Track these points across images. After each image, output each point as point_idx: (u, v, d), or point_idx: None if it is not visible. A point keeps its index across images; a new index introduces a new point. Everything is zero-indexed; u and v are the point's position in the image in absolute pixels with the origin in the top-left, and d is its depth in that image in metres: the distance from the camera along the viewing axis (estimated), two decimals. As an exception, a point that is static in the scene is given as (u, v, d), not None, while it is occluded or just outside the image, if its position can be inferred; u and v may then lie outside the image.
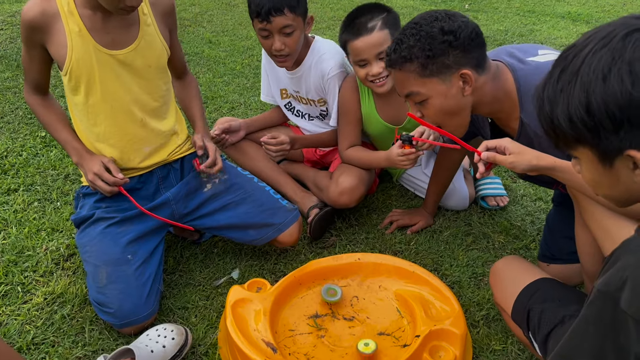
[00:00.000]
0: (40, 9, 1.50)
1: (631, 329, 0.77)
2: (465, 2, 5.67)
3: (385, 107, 2.03)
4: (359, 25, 1.86)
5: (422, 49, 1.39)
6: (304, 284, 1.70)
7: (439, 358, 1.42)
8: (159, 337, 1.46)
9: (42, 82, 1.69)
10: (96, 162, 1.63)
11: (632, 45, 0.75)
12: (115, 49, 1.58)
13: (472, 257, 1.88)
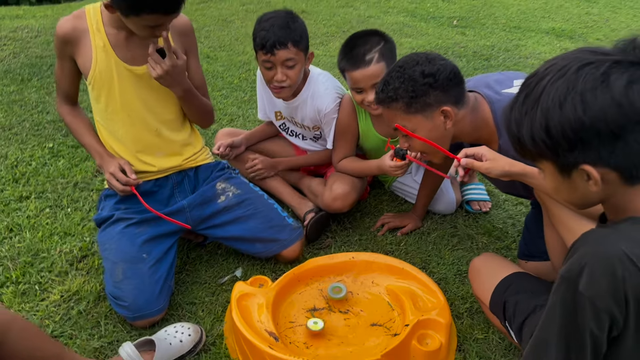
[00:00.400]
0: (72, 25, 1.71)
1: (587, 309, 0.92)
2: (454, 18, 5.86)
3: (381, 123, 2.17)
4: (357, 56, 1.99)
5: (405, 90, 1.57)
6: (302, 280, 1.85)
7: (426, 345, 1.56)
8: (176, 332, 1.60)
9: (71, 93, 1.89)
10: (113, 163, 1.79)
11: (584, 78, 0.89)
12: (134, 64, 1.75)
13: (457, 256, 2.03)
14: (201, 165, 1.98)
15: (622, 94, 0.87)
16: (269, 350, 1.49)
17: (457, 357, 1.60)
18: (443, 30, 5.38)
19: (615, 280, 0.88)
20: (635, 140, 0.88)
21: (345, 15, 5.81)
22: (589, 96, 0.88)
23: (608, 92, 0.87)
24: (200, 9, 6.19)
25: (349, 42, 2.06)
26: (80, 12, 1.75)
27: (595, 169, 0.92)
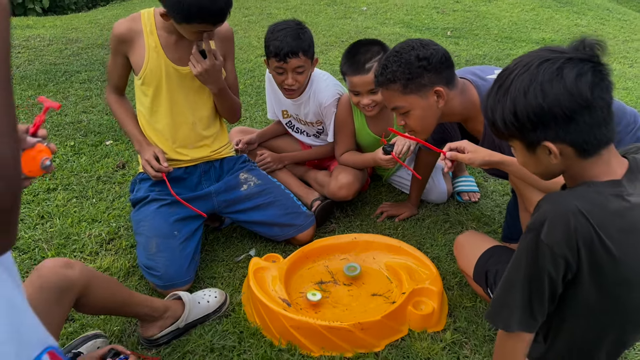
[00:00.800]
0: (128, 26, 1.93)
1: (547, 254, 1.14)
2: (448, 29, 6.12)
3: (374, 123, 2.41)
4: (358, 63, 2.20)
5: (402, 73, 1.75)
6: (310, 257, 2.07)
7: (421, 310, 1.77)
8: (204, 295, 1.84)
9: (120, 85, 2.10)
10: (150, 151, 2.02)
11: (543, 72, 1.12)
12: (181, 64, 1.97)
13: (449, 239, 2.26)
14: (226, 158, 2.21)
15: (572, 84, 1.09)
16: (283, 312, 1.70)
17: (448, 321, 1.82)
18: (438, 40, 5.53)
19: (569, 230, 1.11)
20: (584, 121, 1.11)
21: (344, 27, 6.06)
22: (547, 86, 1.11)
23: (562, 82, 1.09)
24: (205, 19, 6.44)
25: (352, 49, 2.28)
26: (135, 16, 1.96)
27: (554, 145, 1.14)
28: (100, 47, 5.07)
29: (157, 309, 1.69)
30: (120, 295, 1.58)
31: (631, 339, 1.30)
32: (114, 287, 1.56)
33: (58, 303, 1.37)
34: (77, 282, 1.41)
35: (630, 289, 1.18)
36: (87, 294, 1.45)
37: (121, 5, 8.30)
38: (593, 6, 8.35)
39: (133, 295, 1.65)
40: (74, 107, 3.66)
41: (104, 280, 1.53)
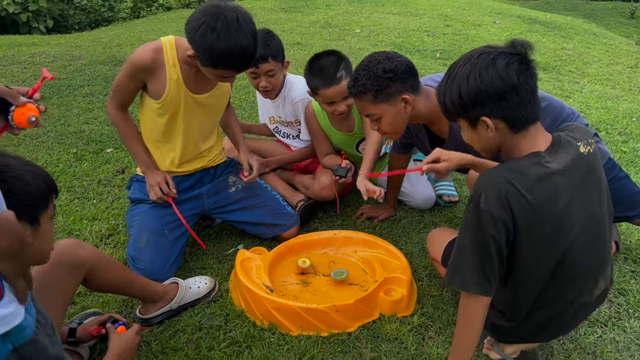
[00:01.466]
0: (152, 57, 1.96)
1: (488, 219, 1.36)
2: (437, 52, 6.38)
3: (337, 122, 2.63)
4: (329, 76, 2.35)
5: (372, 85, 1.95)
6: (294, 251, 2.25)
7: (391, 296, 1.95)
8: (196, 281, 2.02)
9: (127, 103, 2.13)
10: (160, 175, 2.17)
11: (481, 61, 1.37)
12: (198, 93, 2.10)
13: (422, 237, 2.44)
14: (219, 164, 2.39)
15: (502, 70, 1.35)
16: (265, 295, 1.88)
17: (417, 307, 1.99)
18: (427, 62, 5.88)
19: (500, 195, 1.34)
20: (513, 100, 1.36)
21: (337, 48, 6.28)
22: (483, 72, 1.37)
23: (494, 69, 1.36)
24: (204, 39, 6.70)
25: (314, 64, 2.41)
26: (158, 46, 1.97)
27: (490, 119, 1.38)
28: (103, 63, 5.31)
29: (157, 292, 1.88)
30: (124, 277, 1.77)
31: (572, 296, 1.50)
32: (119, 269, 1.75)
33: (70, 277, 1.57)
34: (87, 260, 1.61)
35: (557, 239, 1.40)
36: (95, 272, 1.64)
37: (123, 25, 8.59)
38: (580, 31, 8.66)
39: (136, 277, 1.84)
40: (76, 118, 3.87)
41: (110, 261, 1.72)
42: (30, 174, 1.27)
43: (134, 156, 2.21)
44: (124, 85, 2.05)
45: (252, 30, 1.83)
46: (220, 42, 1.77)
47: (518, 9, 10.42)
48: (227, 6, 1.81)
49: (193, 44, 1.83)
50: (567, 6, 14.00)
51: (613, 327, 1.93)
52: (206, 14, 1.78)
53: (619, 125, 4.15)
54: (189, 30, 1.83)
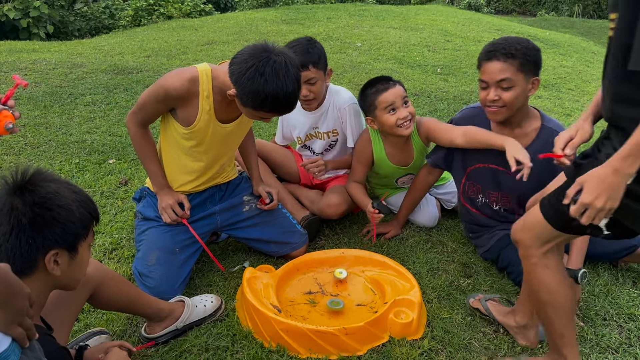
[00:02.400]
0: (187, 88, 1.94)
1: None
2: (438, 67, 6.40)
3: (393, 154, 2.59)
4: (383, 84, 2.42)
5: (524, 53, 2.04)
6: (301, 270, 2.22)
7: (401, 319, 1.92)
8: (201, 300, 1.98)
9: (150, 121, 2.10)
10: (173, 197, 2.14)
11: None
12: (225, 123, 2.09)
13: (430, 257, 2.42)
14: (231, 180, 2.35)
15: None
16: (274, 316, 1.85)
17: (426, 330, 1.96)
18: (428, 77, 5.90)
19: None
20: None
21: (339, 61, 6.32)
22: None
23: None
24: (205, 49, 6.70)
25: (368, 83, 2.48)
26: (194, 77, 1.94)
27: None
28: (104, 72, 5.28)
29: (163, 310, 1.84)
30: (131, 294, 1.73)
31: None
32: (126, 286, 1.72)
33: (76, 294, 1.53)
34: (93, 278, 1.57)
35: None
36: (101, 289, 1.61)
37: (124, 33, 8.59)
38: (579, 49, 8.73)
39: (142, 295, 1.80)
40: (78, 128, 3.84)
41: (117, 278, 1.69)
42: (76, 203, 1.28)
43: (149, 174, 2.17)
44: (151, 106, 2.02)
45: (297, 75, 1.84)
46: (268, 87, 1.77)
47: (517, 26, 10.50)
48: (275, 50, 1.81)
49: (238, 86, 1.82)
50: (565, 24, 14.12)
51: (624, 354, 1.91)
52: (255, 58, 1.78)
53: (621, 145, 4.15)
54: (235, 71, 1.81)
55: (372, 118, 2.48)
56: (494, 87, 2.09)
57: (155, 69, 5.52)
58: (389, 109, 2.41)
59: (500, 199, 2.33)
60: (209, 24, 8.76)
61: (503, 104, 2.10)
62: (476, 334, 1.96)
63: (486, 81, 2.11)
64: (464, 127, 2.31)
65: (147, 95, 2.00)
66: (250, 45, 1.85)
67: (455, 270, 2.34)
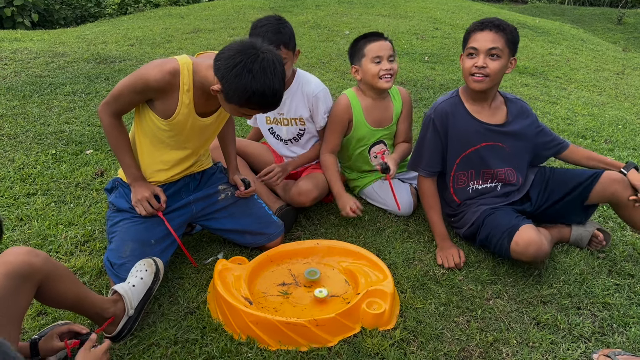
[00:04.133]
0: (168, 79, 1.89)
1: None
2: (425, 55, 6.36)
3: (370, 112, 2.66)
4: (376, 35, 2.56)
5: (511, 32, 2.22)
6: (275, 261, 2.20)
7: (374, 309, 1.90)
8: (134, 275, 1.89)
9: (124, 112, 2.04)
10: (149, 189, 2.09)
11: None
12: (204, 117, 2.06)
13: (407, 247, 2.40)
14: (205, 170, 2.32)
15: None
16: (243, 308, 1.82)
17: (399, 320, 1.95)
18: (415, 65, 5.86)
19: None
20: None
21: (326, 49, 6.27)
22: None
23: None
24: (190, 38, 6.62)
25: (362, 36, 2.61)
26: (175, 69, 1.89)
27: None
28: (86, 61, 5.21)
29: (107, 310, 1.76)
30: (79, 290, 1.65)
31: None
32: (73, 282, 1.64)
33: (22, 287, 1.46)
34: (40, 269, 1.50)
35: None
36: (48, 283, 1.53)
37: (109, 22, 8.47)
38: (568, 36, 8.70)
39: (90, 293, 1.72)
40: (57, 118, 3.78)
41: (65, 273, 1.61)
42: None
43: (122, 166, 2.11)
44: (127, 96, 1.97)
45: (283, 73, 1.84)
46: (255, 84, 1.76)
47: (507, 13, 10.45)
48: (263, 47, 1.81)
49: (225, 81, 1.80)
50: (556, 11, 14.08)
51: (597, 343, 1.91)
52: (243, 54, 1.77)
53: (605, 132, 4.15)
54: (221, 67, 1.79)
55: (357, 67, 2.61)
56: (483, 54, 2.21)
57: (139, 58, 5.45)
58: (375, 59, 2.52)
59: (496, 175, 2.40)
60: (196, 12, 8.67)
61: (488, 73, 2.22)
62: (449, 324, 1.95)
63: (477, 48, 2.23)
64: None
65: (123, 86, 1.95)
66: (237, 41, 1.83)
67: (430, 260, 2.32)
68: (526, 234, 2.10)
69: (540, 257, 2.10)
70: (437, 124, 2.36)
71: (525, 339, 1.90)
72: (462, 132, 2.35)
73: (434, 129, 2.37)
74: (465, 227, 2.40)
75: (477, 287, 2.16)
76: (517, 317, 2.01)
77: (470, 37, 2.26)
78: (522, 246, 2.09)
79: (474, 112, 2.36)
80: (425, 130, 2.42)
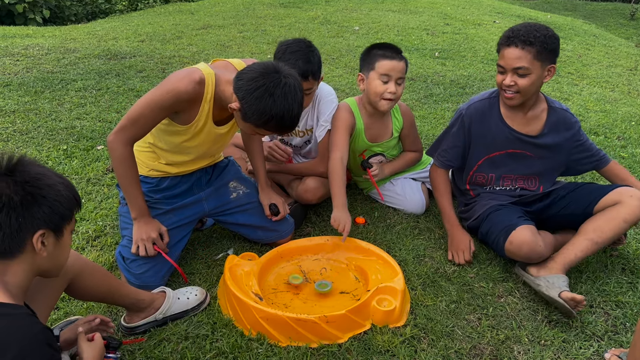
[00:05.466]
0: (197, 90, 1.89)
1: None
2: (436, 50, 6.32)
3: (369, 128, 2.59)
4: (394, 50, 2.42)
5: (542, 42, 2.08)
6: (285, 257, 2.20)
7: (384, 306, 1.90)
8: (186, 292, 1.95)
9: (141, 136, 1.97)
10: (153, 227, 2.02)
11: None
12: (219, 125, 2.06)
13: (417, 244, 2.39)
14: (217, 163, 2.33)
15: None
16: (254, 304, 1.82)
17: (409, 317, 1.94)
18: (425, 61, 5.83)
19: None
20: None
21: (336, 45, 6.26)
22: None
23: None
24: (200, 34, 6.63)
25: (380, 45, 2.47)
26: (201, 78, 1.88)
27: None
28: (97, 57, 5.23)
29: (143, 300, 1.82)
30: (109, 284, 1.70)
31: None
32: (104, 276, 1.69)
33: (53, 283, 1.52)
34: (71, 267, 1.54)
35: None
36: (79, 279, 1.59)
37: (120, 18, 8.51)
38: (580, 32, 8.61)
39: (122, 285, 1.78)
40: (68, 114, 3.80)
41: (96, 268, 1.66)
42: (62, 185, 1.31)
43: (129, 198, 2.01)
44: (150, 115, 1.89)
45: (302, 97, 1.86)
46: (275, 108, 1.77)
47: (518, 9, 10.36)
48: (285, 72, 1.81)
49: (244, 102, 1.79)
50: (567, 6, 13.95)
51: (609, 341, 1.89)
52: (265, 77, 1.77)
53: (618, 129, 4.10)
54: (242, 87, 1.79)
55: (364, 77, 2.49)
56: (510, 72, 2.13)
57: (149, 54, 5.47)
58: (383, 77, 2.40)
59: (516, 180, 2.37)
60: (206, 8, 8.68)
61: (518, 90, 2.15)
62: (459, 322, 1.94)
63: (503, 67, 2.16)
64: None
65: (145, 105, 1.88)
66: (260, 63, 1.83)
67: (441, 257, 2.31)
68: (521, 234, 2.09)
69: (534, 259, 2.09)
70: (465, 121, 2.31)
71: (537, 337, 1.89)
72: (490, 135, 2.30)
73: (461, 125, 2.33)
74: (472, 219, 2.40)
75: (488, 285, 2.14)
76: (529, 315, 1.99)
77: (500, 51, 2.18)
78: (515, 245, 2.09)
79: (507, 118, 2.29)
80: (453, 123, 2.38)
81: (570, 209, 2.28)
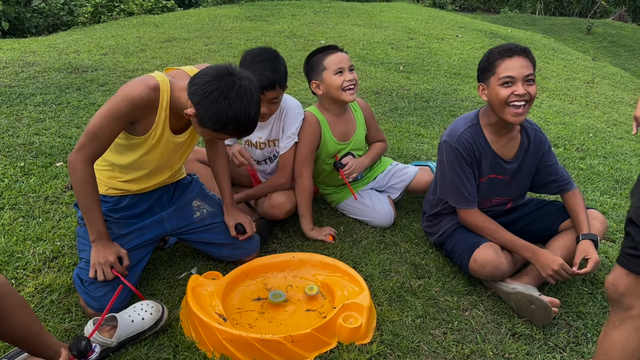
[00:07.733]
0: (152, 95, 1.84)
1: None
2: (400, 64, 6.40)
3: (336, 128, 2.62)
4: (332, 47, 2.51)
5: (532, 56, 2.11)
6: (250, 275, 2.16)
7: (350, 323, 1.88)
8: (141, 310, 1.86)
9: (103, 152, 1.90)
10: (112, 251, 1.94)
11: None
12: (177, 134, 2.01)
13: (383, 258, 2.39)
14: (179, 180, 2.27)
15: None
16: (217, 325, 1.78)
17: (376, 334, 1.93)
18: (390, 74, 5.89)
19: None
20: None
21: (302, 58, 6.26)
22: None
23: None
24: (165, 47, 6.55)
25: (315, 51, 2.55)
26: (155, 85, 1.84)
27: None
28: (57, 70, 5.11)
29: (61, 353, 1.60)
30: (34, 327, 1.47)
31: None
32: (30, 315, 1.46)
33: None
34: None
35: None
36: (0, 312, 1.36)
37: (82, 31, 8.34)
38: (539, 46, 8.86)
39: (44, 333, 1.55)
40: (26, 129, 3.68)
41: (21, 303, 1.44)
42: None
43: (88, 221, 1.93)
44: (108, 128, 1.83)
45: (259, 99, 1.84)
46: (231, 111, 1.76)
47: (480, 23, 10.60)
48: (239, 74, 1.79)
49: (199, 107, 1.77)
50: (527, 21, 14.36)
51: (572, 353, 1.92)
52: (219, 80, 1.75)
53: (577, 141, 4.22)
54: (196, 92, 1.76)
55: (318, 82, 2.53)
56: (521, 81, 2.07)
57: (111, 67, 5.37)
58: (337, 71, 2.46)
59: (491, 202, 2.37)
60: (171, 21, 8.59)
61: (530, 98, 2.09)
62: (425, 337, 1.94)
63: (513, 76, 2.07)
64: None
65: (102, 117, 1.82)
66: (213, 67, 1.81)
67: (407, 271, 2.32)
68: (485, 252, 2.12)
69: (497, 277, 2.14)
70: (464, 154, 2.19)
71: (501, 350, 1.90)
72: (480, 162, 2.24)
73: (463, 161, 2.20)
74: (437, 235, 2.41)
75: (453, 299, 2.15)
76: (493, 328, 2.01)
77: (499, 65, 2.09)
78: (479, 264, 2.13)
79: (492, 143, 2.25)
80: (451, 163, 2.21)
81: (537, 224, 2.35)
